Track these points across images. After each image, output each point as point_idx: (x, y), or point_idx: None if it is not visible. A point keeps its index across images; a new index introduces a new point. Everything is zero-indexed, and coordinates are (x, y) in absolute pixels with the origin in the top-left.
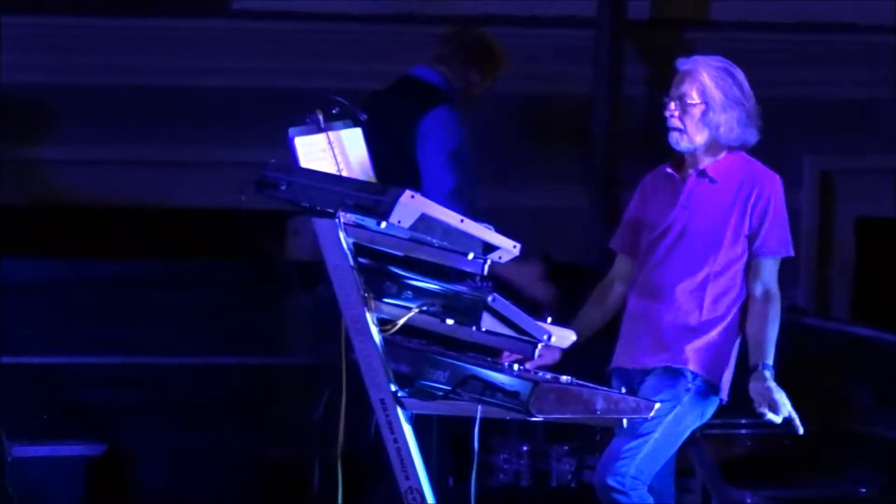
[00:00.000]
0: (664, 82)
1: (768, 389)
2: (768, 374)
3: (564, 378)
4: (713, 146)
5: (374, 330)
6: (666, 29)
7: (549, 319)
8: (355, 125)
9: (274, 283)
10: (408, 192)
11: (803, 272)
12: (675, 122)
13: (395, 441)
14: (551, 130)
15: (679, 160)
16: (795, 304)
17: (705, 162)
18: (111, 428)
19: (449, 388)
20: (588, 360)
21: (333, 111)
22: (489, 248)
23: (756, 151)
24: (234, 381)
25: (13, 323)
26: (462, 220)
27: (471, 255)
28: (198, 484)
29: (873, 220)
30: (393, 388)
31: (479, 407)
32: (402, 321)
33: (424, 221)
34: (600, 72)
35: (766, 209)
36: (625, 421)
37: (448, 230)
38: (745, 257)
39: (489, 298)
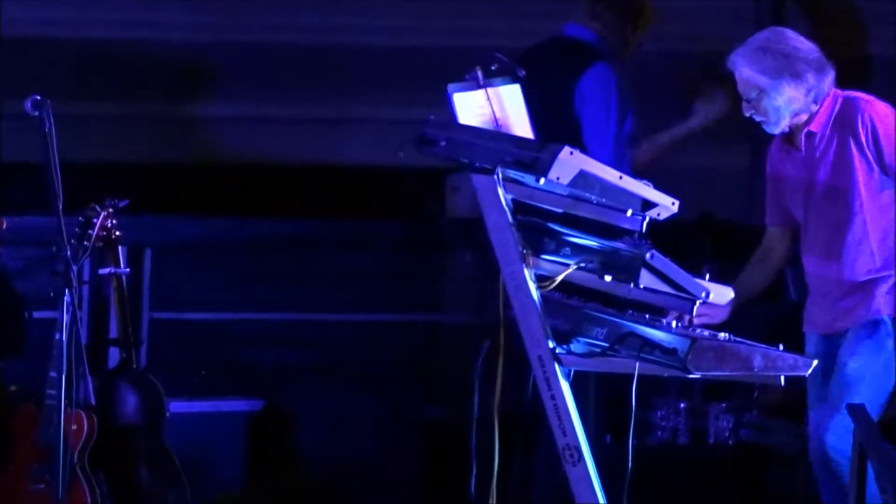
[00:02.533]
0: (826, 43)
1: None
2: None
3: (722, 335)
4: (797, 117)
5: (533, 286)
6: None
7: (708, 276)
8: (514, 82)
9: (435, 241)
10: (567, 149)
11: None
12: (757, 118)
13: (553, 398)
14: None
15: (788, 132)
16: None
17: (804, 122)
18: (271, 385)
19: (607, 344)
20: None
21: (492, 67)
22: (648, 204)
23: None
24: (393, 339)
25: (178, 280)
26: (621, 177)
27: (629, 212)
28: (355, 440)
29: None
30: (551, 344)
31: (637, 364)
32: (560, 278)
33: (583, 178)
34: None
35: (875, 135)
36: (782, 378)
37: (607, 187)
38: (892, 184)
39: (648, 255)
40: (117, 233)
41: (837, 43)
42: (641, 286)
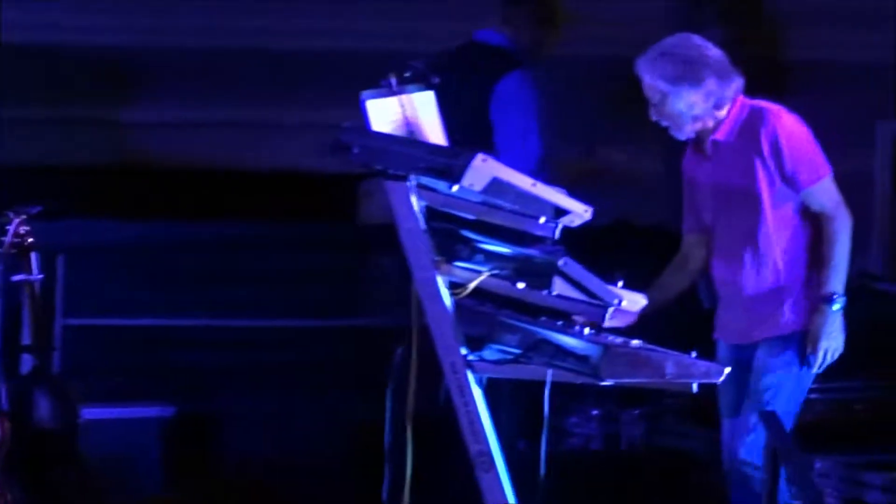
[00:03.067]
0: (744, 44)
1: (819, 326)
2: (825, 307)
3: (635, 342)
4: (700, 122)
5: (446, 293)
6: None
7: (621, 283)
8: (427, 88)
9: (355, 245)
10: (480, 156)
11: (876, 238)
12: (663, 122)
13: (466, 404)
14: (631, 93)
15: (697, 139)
16: (868, 269)
17: (711, 131)
18: (190, 389)
19: (520, 351)
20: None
21: (406, 74)
22: (561, 211)
23: (829, 115)
24: (312, 343)
25: (100, 284)
26: (534, 184)
27: (542, 219)
28: (275, 445)
29: None
30: (463, 351)
31: (550, 371)
32: (473, 284)
33: (496, 185)
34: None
35: (777, 147)
36: (695, 385)
37: (520, 194)
38: (795, 197)
39: (561, 262)
40: (30, 239)
41: (758, 45)
42: (554, 293)
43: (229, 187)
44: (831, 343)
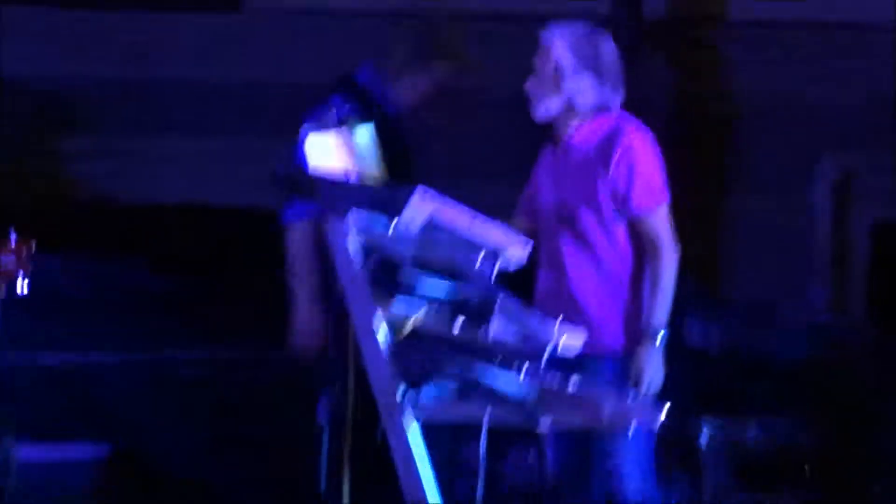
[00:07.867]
0: (681, 81)
1: (641, 360)
2: (648, 343)
3: (572, 383)
4: (572, 113)
5: (382, 332)
6: (683, 28)
7: (559, 319)
8: (367, 121)
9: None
10: (419, 192)
11: (818, 275)
12: (532, 91)
13: (401, 446)
14: None
15: (556, 135)
16: (811, 303)
17: (570, 131)
18: (121, 427)
19: (456, 393)
20: None
21: (346, 107)
22: (500, 247)
23: (772, 152)
24: (244, 377)
25: (25, 321)
26: (473, 220)
27: (481, 255)
28: (207, 483)
29: (890, 223)
30: (400, 392)
31: (487, 414)
32: (411, 322)
33: (435, 221)
34: None
35: (629, 165)
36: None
37: (459, 230)
38: (625, 218)
39: (499, 298)
40: None
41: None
42: (493, 330)
43: (142, 221)
44: (654, 376)
